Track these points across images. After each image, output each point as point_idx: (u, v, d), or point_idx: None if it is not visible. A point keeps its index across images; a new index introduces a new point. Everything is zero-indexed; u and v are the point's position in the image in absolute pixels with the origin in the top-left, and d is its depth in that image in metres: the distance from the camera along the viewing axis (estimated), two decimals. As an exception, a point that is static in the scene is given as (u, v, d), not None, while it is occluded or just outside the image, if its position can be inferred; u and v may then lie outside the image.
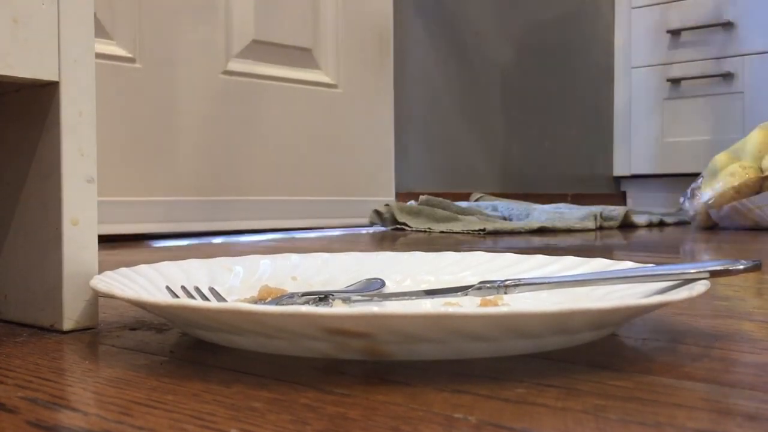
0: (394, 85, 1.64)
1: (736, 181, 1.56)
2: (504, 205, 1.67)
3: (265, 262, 0.53)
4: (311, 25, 1.45)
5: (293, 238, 1.30)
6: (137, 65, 1.19)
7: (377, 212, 1.49)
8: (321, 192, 1.48)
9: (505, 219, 1.57)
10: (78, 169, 0.43)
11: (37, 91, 0.44)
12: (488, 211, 1.61)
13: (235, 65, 1.33)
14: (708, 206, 1.59)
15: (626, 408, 0.27)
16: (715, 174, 1.63)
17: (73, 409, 0.28)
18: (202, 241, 1.24)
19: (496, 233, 1.37)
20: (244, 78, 1.34)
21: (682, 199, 1.68)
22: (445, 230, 1.39)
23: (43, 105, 0.43)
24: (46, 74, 0.42)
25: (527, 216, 1.57)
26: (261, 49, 1.37)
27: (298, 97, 1.43)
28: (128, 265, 0.47)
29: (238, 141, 1.34)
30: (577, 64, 2.29)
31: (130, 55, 1.19)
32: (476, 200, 1.79)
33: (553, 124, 2.21)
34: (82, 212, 0.43)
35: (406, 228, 1.44)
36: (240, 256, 0.53)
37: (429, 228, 1.42)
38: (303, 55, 1.44)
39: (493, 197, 1.83)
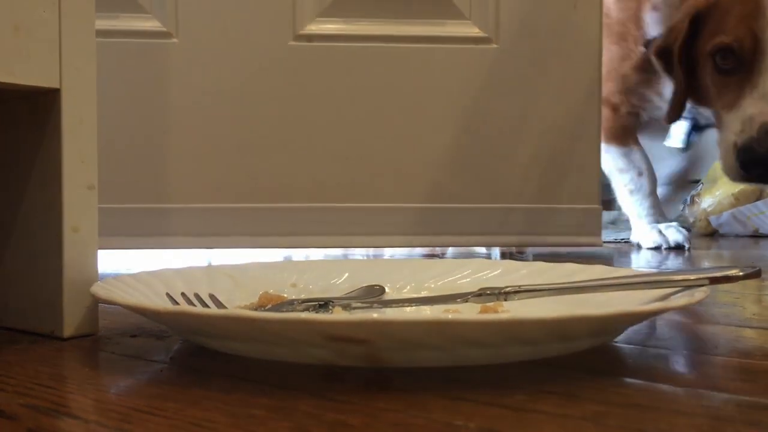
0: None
1: (735, 188, 1.56)
2: None
3: (265, 269, 0.53)
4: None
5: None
6: (174, 40, 0.93)
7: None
8: (464, 198, 0.98)
9: None
10: (79, 176, 0.43)
11: (38, 99, 0.44)
12: None
13: (317, 27, 0.95)
14: (708, 213, 1.59)
15: (626, 415, 0.27)
16: (714, 181, 1.63)
17: (74, 417, 0.28)
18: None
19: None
20: (330, 43, 0.95)
21: (681, 206, 1.68)
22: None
23: (44, 112, 0.44)
24: (47, 81, 0.42)
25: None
26: (357, 1, 0.96)
27: (423, 62, 0.97)
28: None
29: (322, 130, 0.96)
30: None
31: (164, 29, 0.93)
32: None
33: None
34: (82, 219, 0.43)
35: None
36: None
37: None
38: (432, 1, 0.97)
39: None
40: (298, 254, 1.11)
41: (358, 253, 1.12)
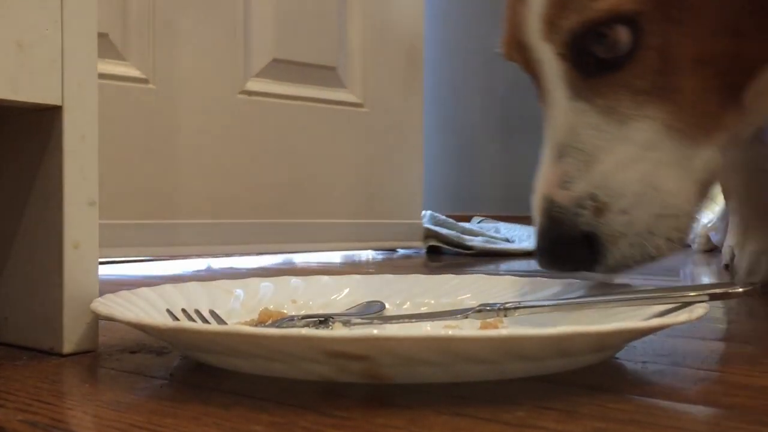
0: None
1: (735, 204, 1.56)
2: (506, 227, 1.68)
3: (265, 285, 0.53)
4: (336, 43, 1.42)
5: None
6: (150, 86, 1.18)
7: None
8: (344, 214, 1.43)
9: (507, 240, 1.58)
10: (80, 192, 0.43)
11: (40, 115, 0.44)
12: (491, 233, 1.61)
13: (254, 85, 1.31)
14: (708, 229, 1.59)
15: (626, 431, 0.27)
16: (713, 198, 1.63)
17: (73, 433, 0.28)
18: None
19: (503, 255, 1.39)
20: (263, 98, 1.32)
21: (681, 222, 1.68)
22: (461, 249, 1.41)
23: (45, 129, 0.44)
24: (49, 98, 0.42)
25: (529, 237, 1.58)
26: (282, 68, 1.35)
27: (322, 116, 1.41)
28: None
29: (257, 162, 1.32)
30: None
31: (143, 76, 1.18)
32: (478, 223, 1.79)
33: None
34: (83, 235, 0.43)
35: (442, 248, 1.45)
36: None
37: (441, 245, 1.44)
38: (327, 74, 1.41)
39: (493, 220, 1.83)
40: (298, 259, 1.34)
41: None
